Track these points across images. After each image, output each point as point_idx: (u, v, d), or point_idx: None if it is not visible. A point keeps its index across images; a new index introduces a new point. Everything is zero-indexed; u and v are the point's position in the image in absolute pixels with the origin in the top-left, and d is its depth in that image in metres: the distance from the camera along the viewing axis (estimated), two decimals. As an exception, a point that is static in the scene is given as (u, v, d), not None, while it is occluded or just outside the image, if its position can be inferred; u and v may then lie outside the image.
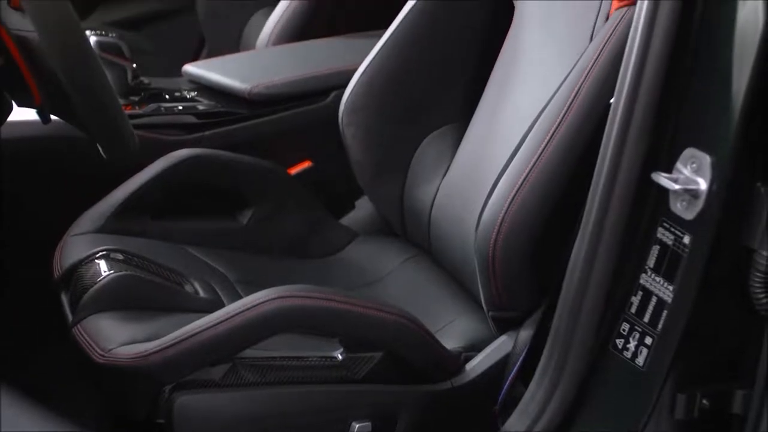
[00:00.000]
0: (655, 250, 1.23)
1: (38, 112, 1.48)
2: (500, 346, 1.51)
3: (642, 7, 1.22)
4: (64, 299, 1.56)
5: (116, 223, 1.67)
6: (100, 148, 1.42)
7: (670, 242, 1.21)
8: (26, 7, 1.27)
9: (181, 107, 2.00)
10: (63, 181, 1.86)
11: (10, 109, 1.48)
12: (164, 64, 2.43)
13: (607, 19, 1.46)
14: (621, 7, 1.42)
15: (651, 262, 1.24)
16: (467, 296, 1.66)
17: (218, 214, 1.81)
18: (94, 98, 1.32)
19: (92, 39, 1.90)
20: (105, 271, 1.52)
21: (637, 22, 1.22)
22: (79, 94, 1.30)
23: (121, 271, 1.52)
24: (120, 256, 1.57)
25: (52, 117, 1.57)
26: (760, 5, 1.13)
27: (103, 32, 2.00)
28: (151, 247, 1.65)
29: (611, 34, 1.40)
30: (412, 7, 1.75)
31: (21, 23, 1.33)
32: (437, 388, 1.48)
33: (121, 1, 2.85)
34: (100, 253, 1.57)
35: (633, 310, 1.26)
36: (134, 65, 2.02)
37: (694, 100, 1.21)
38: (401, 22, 1.76)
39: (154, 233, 1.70)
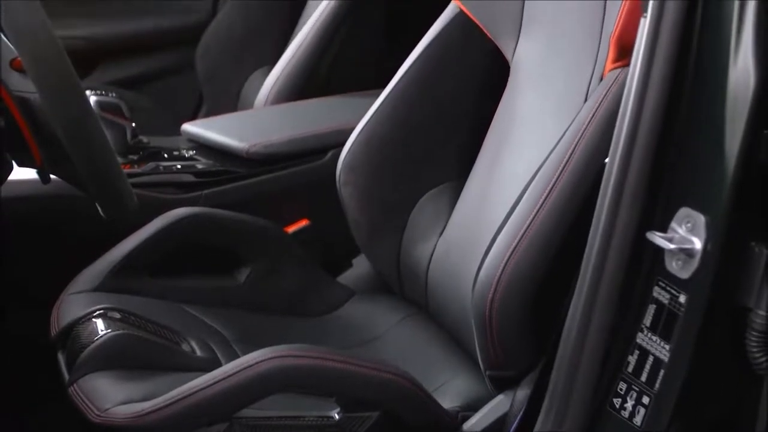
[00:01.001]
0: (652, 309, 1.24)
1: (38, 172, 1.49)
2: (497, 405, 1.51)
3: (635, 69, 1.24)
4: (61, 358, 1.56)
5: (114, 282, 1.67)
6: (99, 208, 1.42)
7: (666, 301, 1.22)
8: (28, 69, 1.29)
9: (179, 166, 2.01)
10: (61, 239, 1.86)
11: (11, 168, 1.49)
12: (163, 123, 2.45)
13: (602, 79, 1.47)
14: (615, 68, 1.43)
15: (647, 321, 1.24)
16: (464, 355, 1.66)
17: (216, 272, 1.81)
18: (94, 159, 1.33)
19: (92, 99, 1.92)
20: (102, 330, 1.52)
21: (631, 84, 1.24)
22: (79, 154, 1.32)
23: (117, 330, 1.52)
24: (117, 315, 1.57)
25: (52, 176, 1.58)
26: (751, 67, 1.15)
27: (103, 92, 2.02)
28: (148, 305, 1.65)
29: (605, 95, 1.42)
30: (409, 67, 1.77)
31: (22, 84, 1.35)
32: (435, 447, 1.47)
33: (121, 60, 2.88)
34: (98, 312, 1.57)
35: (630, 369, 1.26)
36: (133, 124, 2.03)
37: (687, 160, 1.22)
38: (398, 81, 1.78)
39: (151, 291, 1.70)
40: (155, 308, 1.65)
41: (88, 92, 1.86)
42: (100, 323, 1.54)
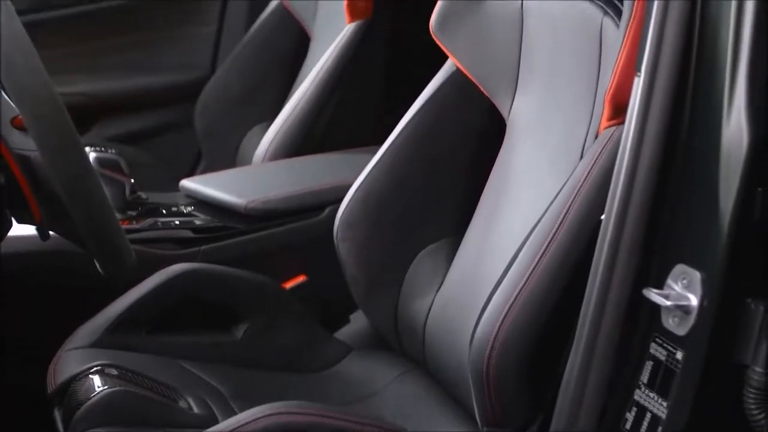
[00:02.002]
0: (649, 365, 1.24)
1: (37, 229, 1.50)
2: (495, 461, 1.51)
3: (630, 128, 1.25)
4: (58, 415, 1.55)
5: (111, 338, 1.67)
6: (97, 264, 1.43)
7: (663, 358, 1.22)
8: (29, 127, 1.30)
9: (177, 222, 2.02)
10: (59, 295, 1.86)
11: (10, 225, 1.50)
12: (162, 179, 2.46)
13: (597, 137, 1.49)
14: (610, 126, 1.45)
15: (645, 377, 1.24)
16: (462, 411, 1.65)
17: (213, 328, 1.81)
18: (93, 216, 1.33)
19: (92, 155, 1.93)
20: (99, 387, 1.52)
21: (626, 142, 1.26)
22: (79, 211, 1.32)
23: (115, 387, 1.51)
24: (114, 372, 1.57)
25: (51, 233, 1.58)
26: (744, 125, 1.16)
27: (103, 148, 2.03)
28: (145, 361, 1.65)
29: (601, 153, 1.43)
30: (406, 124, 1.78)
31: (23, 142, 1.36)
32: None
33: (121, 115, 2.90)
34: (95, 369, 1.57)
35: (628, 426, 1.26)
36: (132, 180, 2.04)
37: (682, 217, 1.23)
38: (395, 138, 1.79)
39: (149, 348, 1.70)
40: (152, 364, 1.65)
41: (87, 149, 1.87)
42: (97, 380, 1.54)
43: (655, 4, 1.24)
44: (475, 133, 1.78)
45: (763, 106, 1.17)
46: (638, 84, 1.25)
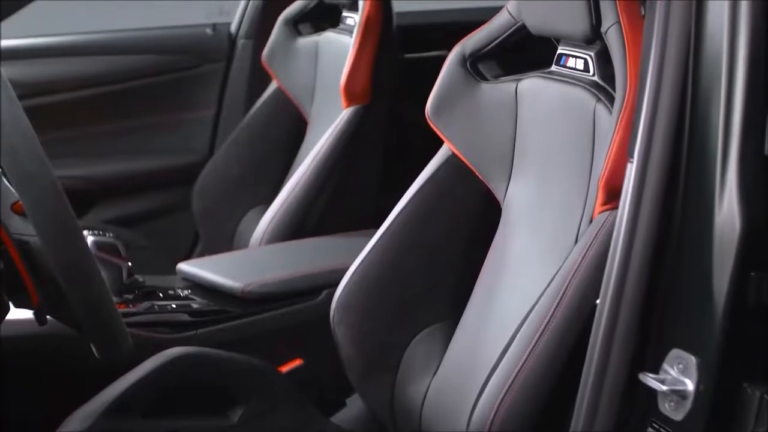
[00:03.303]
0: (646, 451, 1.24)
1: (35, 313, 1.50)
2: None
3: (624, 213, 1.26)
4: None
5: (106, 423, 1.66)
6: (93, 348, 1.43)
7: (660, 443, 1.22)
8: (29, 213, 1.31)
9: (174, 305, 2.02)
10: (55, 379, 1.85)
11: (7, 310, 1.50)
12: (159, 262, 2.46)
13: (591, 221, 1.50)
14: (604, 210, 1.46)
15: (642, 463, 1.24)
16: (459, 497, 1.64)
17: (209, 412, 1.80)
18: (90, 301, 1.34)
19: (89, 239, 1.94)
20: (94, 472, 1.50)
21: (620, 227, 1.27)
22: (76, 296, 1.33)
23: (110, 472, 1.50)
24: (109, 457, 1.56)
25: (48, 317, 1.58)
26: (736, 210, 1.17)
27: (100, 231, 2.04)
28: (141, 447, 1.64)
29: (595, 237, 1.44)
30: (402, 208, 1.80)
31: (22, 227, 1.37)
32: None
33: (118, 198, 2.91)
34: (90, 454, 1.56)
35: None
36: (129, 263, 2.05)
37: (677, 301, 1.23)
38: (391, 222, 1.80)
39: (144, 432, 1.69)
40: (148, 450, 1.64)
41: (85, 232, 1.89)
42: (91, 465, 1.52)
43: (647, 92, 1.27)
44: (470, 217, 1.80)
45: (754, 190, 1.19)
46: (631, 170, 1.27)
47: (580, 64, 1.60)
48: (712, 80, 1.22)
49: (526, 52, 1.74)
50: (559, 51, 1.65)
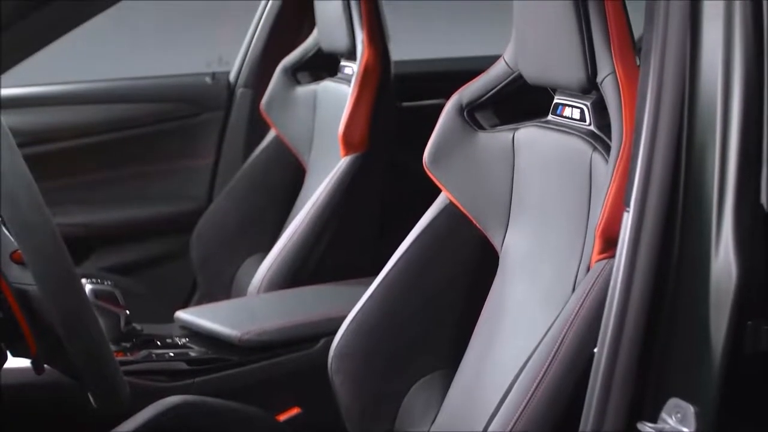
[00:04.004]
0: (645, 501, 1.23)
1: (32, 362, 1.50)
2: None
3: (620, 262, 1.27)
4: None
5: (104, 471, 1.66)
6: (90, 397, 1.43)
7: (659, 493, 1.21)
8: (28, 262, 1.32)
9: (172, 354, 2.02)
10: (52, 428, 1.85)
11: (5, 358, 1.50)
12: (157, 310, 2.46)
13: (588, 270, 1.50)
14: (601, 259, 1.47)
15: None
16: None
17: (206, 461, 1.79)
18: (88, 350, 1.34)
19: (88, 287, 1.94)
20: None
21: (617, 275, 1.27)
22: (74, 345, 1.33)
23: None
24: (106, 507, 1.55)
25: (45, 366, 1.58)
26: (732, 258, 1.18)
27: (98, 280, 2.04)
28: (136, 497, 1.63)
29: (592, 286, 1.45)
30: (400, 256, 1.80)
31: (21, 276, 1.37)
32: None
33: (117, 246, 2.92)
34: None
35: None
36: (127, 312, 2.05)
37: (675, 350, 1.23)
38: (389, 270, 1.80)
39: (140, 483, 1.68)
40: (144, 499, 1.63)
41: (83, 281, 1.89)
42: None
43: (642, 142, 1.28)
44: (468, 265, 1.80)
45: (750, 238, 1.19)
46: (627, 219, 1.27)
47: (576, 114, 1.61)
48: (707, 130, 1.23)
49: (522, 101, 1.76)
50: (555, 100, 1.67)
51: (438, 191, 1.82)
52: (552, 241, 1.63)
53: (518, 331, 1.64)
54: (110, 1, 1.39)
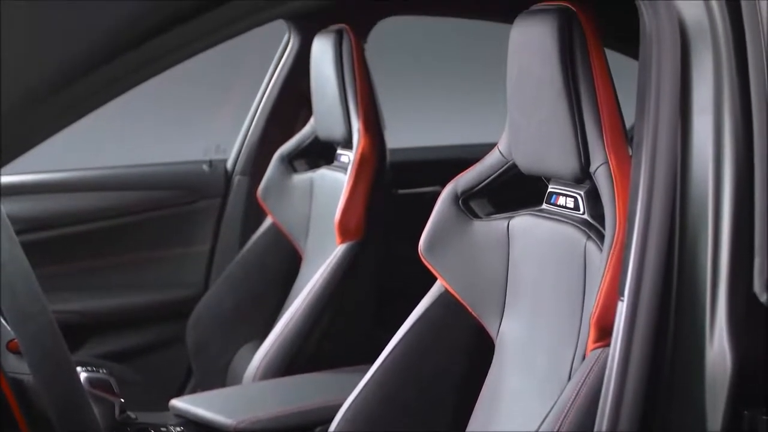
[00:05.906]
0: None
1: (26, 453, 1.49)
2: None
3: (615, 350, 1.27)
4: None
5: None
6: (84, 488, 1.41)
7: None
8: (25, 353, 1.32)
9: (167, 441, 2.00)
10: None
11: (-2, 448, 1.49)
12: (152, 397, 2.45)
13: (584, 358, 1.50)
14: (596, 348, 1.47)
15: None
16: None
17: None
18: (83, 439, 1.34)
19: (83, 376, 1.92)
20: None
21: (612, 364, 1.27)
22: (68, 434, 1.33)
23: None
24: None
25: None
26: (727, 348, 1.18)
27: (93, 368, 2.03)
28: None
29: (588, 374, 1.44)
30: (396, 345, 1.80)
31: (17, 366, 1.37)
32: None
33: (113, 333, 2.91)
34: None
35: None
36: (122, 400, 2.03)
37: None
38: (384, 358, 1.80)
39: None
40: None
41: (78, 368, 1.88)
42: None
43: (635, 231, 1.29)
44: (464, 353, 1.80)
45: (744, 327, 1.20)
46: (622, 308, 1.28)
47: (570, 203, 1.63)
48: (699, 220, 1.25)
49: (517, 190, 1.77)
50: (549, 189, 1.68)
51: (433, 279, 1.82)
52: (547, 330, 1.64)
53: (514, 420, 1.64)
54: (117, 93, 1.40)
